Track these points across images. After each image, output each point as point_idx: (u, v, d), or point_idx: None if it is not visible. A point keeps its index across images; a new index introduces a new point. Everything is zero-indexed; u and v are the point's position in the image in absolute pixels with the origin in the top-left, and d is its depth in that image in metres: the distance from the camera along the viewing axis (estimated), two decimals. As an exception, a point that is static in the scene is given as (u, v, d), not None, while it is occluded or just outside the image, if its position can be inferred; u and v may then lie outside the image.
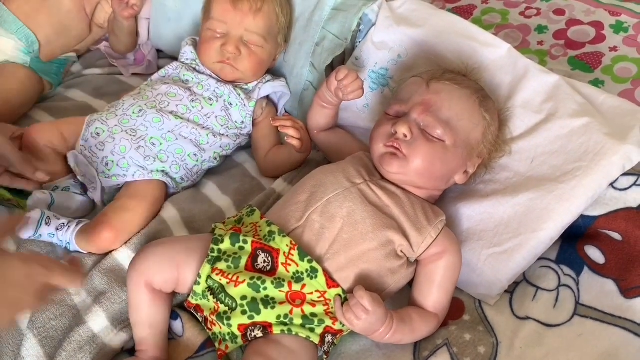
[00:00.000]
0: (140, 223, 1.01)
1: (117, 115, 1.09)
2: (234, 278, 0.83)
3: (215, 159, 1.14)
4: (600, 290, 0.90)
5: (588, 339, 0.85)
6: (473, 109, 0.91)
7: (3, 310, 0.67)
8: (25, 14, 1.32)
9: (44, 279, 0.69)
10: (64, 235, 0.99)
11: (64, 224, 1.00)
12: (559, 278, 0.92)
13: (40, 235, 0.99)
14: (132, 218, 1.00)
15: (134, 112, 1.08)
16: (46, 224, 0.99)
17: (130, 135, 1.06)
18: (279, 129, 1.08)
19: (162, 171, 1.06)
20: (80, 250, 0.99)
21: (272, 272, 0.85)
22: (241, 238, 0.86)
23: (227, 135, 1.14)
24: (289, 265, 0.84)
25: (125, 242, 0.99)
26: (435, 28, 1.07)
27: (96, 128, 1.07)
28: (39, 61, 1.35)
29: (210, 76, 1.14)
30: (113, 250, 0.99)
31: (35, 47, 1.33)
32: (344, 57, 1.18)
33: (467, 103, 0.91)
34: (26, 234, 0.98)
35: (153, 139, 1.07)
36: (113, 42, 1.43)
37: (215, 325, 0.85)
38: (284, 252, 0.84)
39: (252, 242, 0.86)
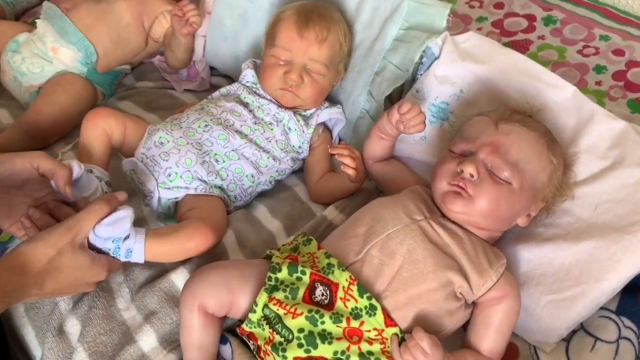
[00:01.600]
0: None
1: (181, 127, 1.07)
2: (292, 309, 0.82)
3: (270, 182, 1.14)
4: (662, 346, 0.87)
5: (649, 396, 0.83)
6: (541, 152, 0.90)
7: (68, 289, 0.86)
8: (86, 25, 1.34)
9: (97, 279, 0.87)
10: (125, 243, 0.88)
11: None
12: (619, 330, 0.90)
13: (120, 239, 0.87)
14: (222, 226, 1.03)
15: (199, 126, 1.08)
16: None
17: (196, 148, 1.05)
18: (336, 157, 1.07)
19: (220, 187, 1.06)
20: (140, 260, 0.89)
21: (329, 306, 0.83)
22: (299, 268, 0.86)
23: (286, 160, 1.13)
24: (348, 300, 0.83)
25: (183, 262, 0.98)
26: (499, 65, 1.06)
27: (160, 137, 1.05)
28: (95, 72, 1.37)
29: (271, 101, 1.14)
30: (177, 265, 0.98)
31: (93, 59, 1.35)
32: (402, 89, 1.17)
33: (536, 146, 0.89)
34: (113, 232, 0.85)
35: (217, 155, 1.06)
36: (168, 56, 1.44)
37: (268, 355, 0.84)
38: (343, 287, 0.83)
39: (311, 273, 0.85)
